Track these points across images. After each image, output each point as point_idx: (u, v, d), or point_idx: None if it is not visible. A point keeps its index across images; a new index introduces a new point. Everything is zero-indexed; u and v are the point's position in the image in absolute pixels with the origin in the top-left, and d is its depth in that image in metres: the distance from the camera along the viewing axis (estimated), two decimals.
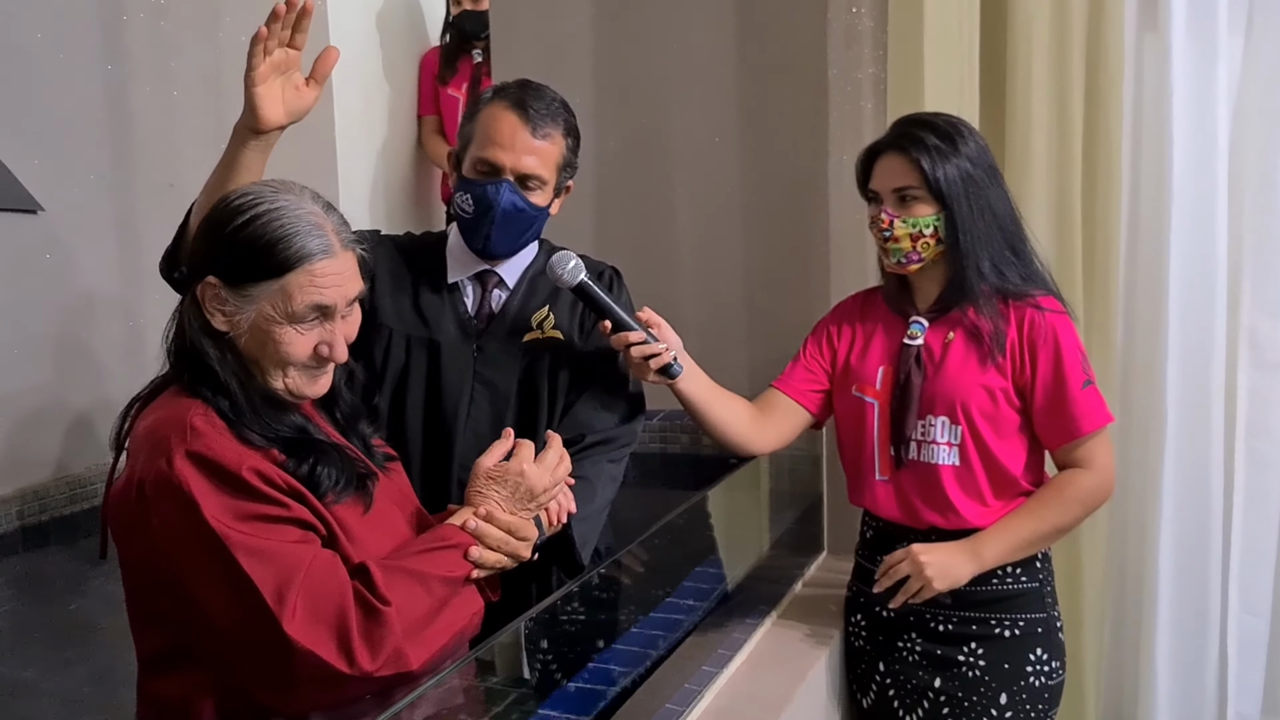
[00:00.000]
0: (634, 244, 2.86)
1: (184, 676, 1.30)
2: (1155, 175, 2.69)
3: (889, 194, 1.92)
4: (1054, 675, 1.99)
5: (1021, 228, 1.97)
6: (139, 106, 2.52)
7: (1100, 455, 1.94)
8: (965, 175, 1.88)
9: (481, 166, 1.78)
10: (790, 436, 2.09)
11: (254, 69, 1.51)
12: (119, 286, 2.47)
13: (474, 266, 1.87)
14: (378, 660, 1.24)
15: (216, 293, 1.32)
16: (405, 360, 1.84)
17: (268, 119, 1.53)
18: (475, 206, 1.79)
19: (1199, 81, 2.65)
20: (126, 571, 1.35)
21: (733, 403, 2.00)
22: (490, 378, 1.85)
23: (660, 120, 2.86)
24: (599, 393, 1.86)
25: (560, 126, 1.81)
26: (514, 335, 1.86)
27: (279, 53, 1.53)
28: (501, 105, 1.79)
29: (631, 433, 1.87)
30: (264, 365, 1.35)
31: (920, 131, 1.91)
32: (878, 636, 2.06)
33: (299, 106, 1.57)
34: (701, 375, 1.95)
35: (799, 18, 2.68)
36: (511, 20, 3.00)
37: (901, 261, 1.93)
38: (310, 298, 1.32)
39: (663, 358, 1.85)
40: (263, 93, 1.52)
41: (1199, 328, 2.67)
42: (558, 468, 1.51)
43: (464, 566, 1.38)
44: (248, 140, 1.54)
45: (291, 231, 1.31)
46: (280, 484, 1.28)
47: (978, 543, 1.92)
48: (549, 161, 1.80)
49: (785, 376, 2.09)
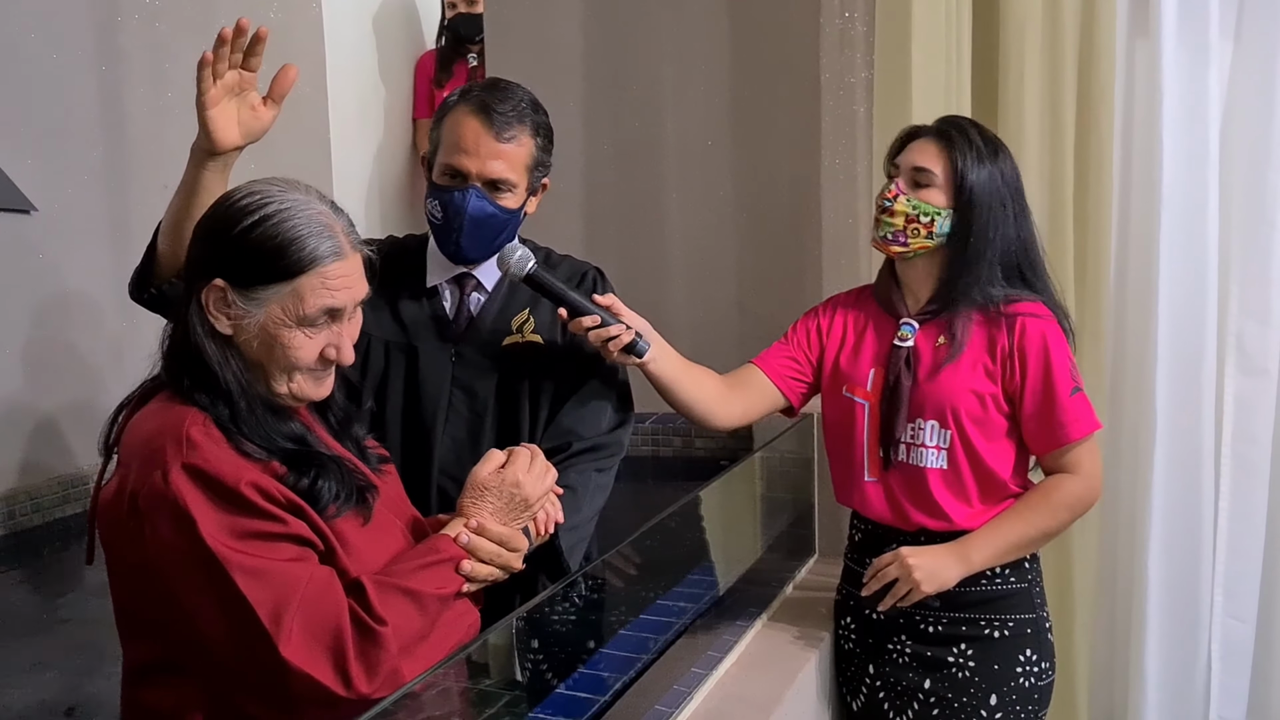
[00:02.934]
0: (626, 247, 2.87)
1: (173, 687, 1.29)
2: (1146, 180, 2.70)
3: (908, 171, 1.93)
4: (1044, 676, 1.99)
5: (1038, 258, 1.97)
6: (133, 108, 2.52)
7: (1087, 461, 1.95)
8: (994, 186, 1.90)
9: (449, 172, 1.76)
10: (757, 415, 2.08)
11: (204, 93, 1.51)
12: (112, 287, 2.46)
13: (452, 270, 1.84)
14: (374, 682, 1.23)
15: (223, 295, 1.29)
16: (385, 366, 1.82)
17: (222, 141, 1.53)
18: (443, 213, 1.77)
19: (1190, 87, 2.66)
20: (115, 580, 1.33)
21: (703, 379, 1.98)
22: (469, 383, 1.82)
23: (653, 124, 2.87)
24: (585, 399, 1.83)
25: (528, 127, 1.77)
26: (493, 339, 1.83)
27: (231, 75, 1.53)
28: (466, 110, 1.76)
29: (619, 441, 1.84)
30: (269, 370, 1.32)
31: (969, 129, 1.93)
32: (868, 639, 2.07)
33: (255, 127, 1.57)
34: (671, 354, 1.92)
35: (792, 22, 2.69)
36: (506, 23, 3.01)
37: (887, 238, 1.93)
38: (322, 300, 1.30)
39: (622, 338, 1.81)
40: (215, 115, 1.52)
41: (1188, 333, 2.68)
42: (546, 476, 1.49)
43: (456, 581, 1.36)
44: (205, 162, 1.54)
45: (305, 233, 1.29)
46: (279, 498, 1.26)
47: (966, 546, 1.93)
48: (517, 164, 1.77)
49: (766, 355, 2.08)
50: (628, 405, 1.90)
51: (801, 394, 2.09)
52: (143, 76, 2.54)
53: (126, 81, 2.51)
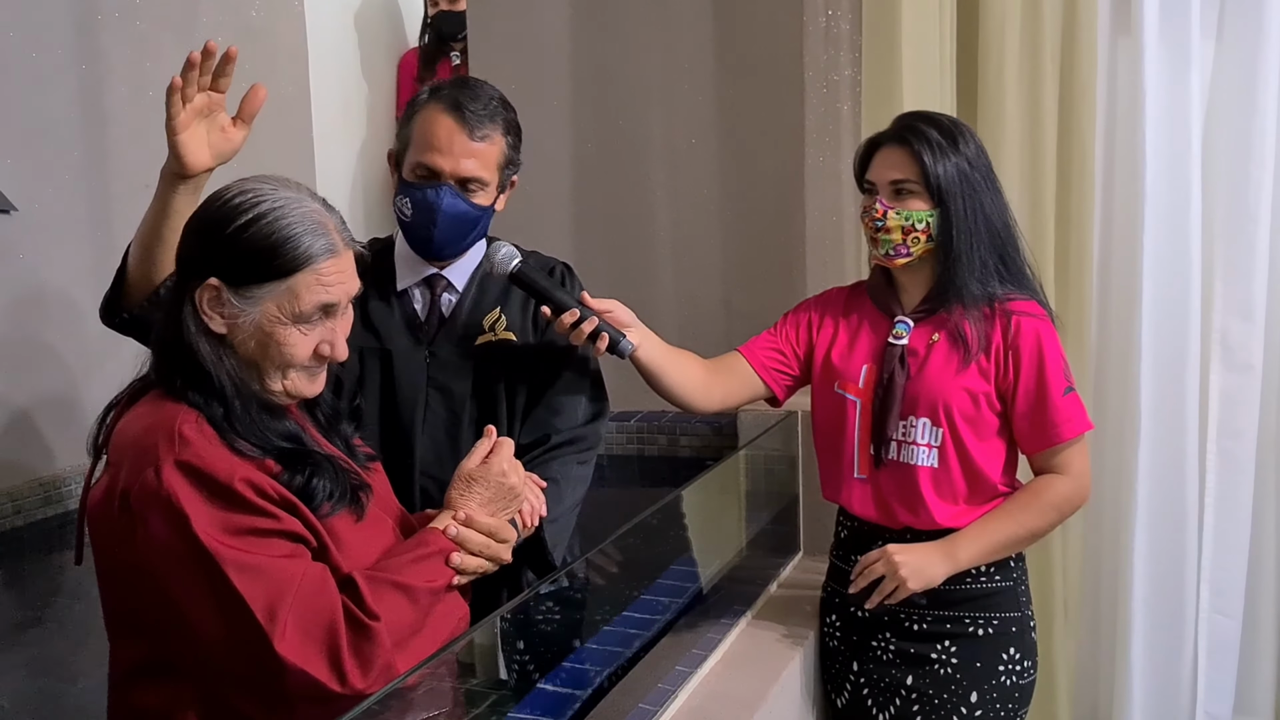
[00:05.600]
0: (611, 245, 2.87)
1: (165, 687, 1.28)
2: (1128, 179, 2.71)
3: (885, 185, 1.92)
4: (1025, 675, 2.00)
5: (1014, 235, 1.97)
6: (114, 107, 2.51)
7: (1077, 462, 1.95)
8: (963, 175, 1.89)
9: (420, 171, 1.76)
10: (737, 403, 2.09)
11: (173, 118, 1.51)
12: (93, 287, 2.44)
13: (422, 271, 1.85)
14: (369, 677, 1.23)
15: (217, 295, 1.30)
16: (360, 372, 1.82)
17: (192, 164, 1.53)
18: (415, 211, 1.77)
19: (1172, 86, 2.67)
20: (104, 580, 1.33)
21: (687, 365, 1.99)
22: (445, 383, 1.83)
23: (637, 121, 2.87)
24: (561, 393, 1.84)
25: (499, 125, 1.78)
26: (466, 339, 1.84)
27: (200, 98, 1.53)
28: (437, 108, 1.76)
29: (596, 433, 1.86)
30: (264, 368, 1.33)
31: (924, 126, 1.92)
32: (852, 636, 2.07)
33: (226, 149, 1.57)
34: (655, 341, 1.93)
35: (776, 20, 2.69)
36: (488, 21, 3.00)
37: (890, 254, 1.93)
38: (317, 297, 1.31)
39: (605, 337, 1.81)
40: (185, 139, 1.52)
41: (1172, 330, 2.69)
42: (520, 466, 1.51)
43: (447, 574, 1.37)
44: (176, 185, 1.54)
45: (299, 231, 1.30)
46: (272, 494, 1.26)
47: (953, 543, 1.93)
48: (489, 162, 1.78)
49: (752, 344, 2.08)
50: (602, 397, 1.91)
51: (786, 386, 2.09)
52: (123, 75, 2.52)
53: (107, 80, 2.49)
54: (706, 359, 2.05)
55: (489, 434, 1.51)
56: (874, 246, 1.95)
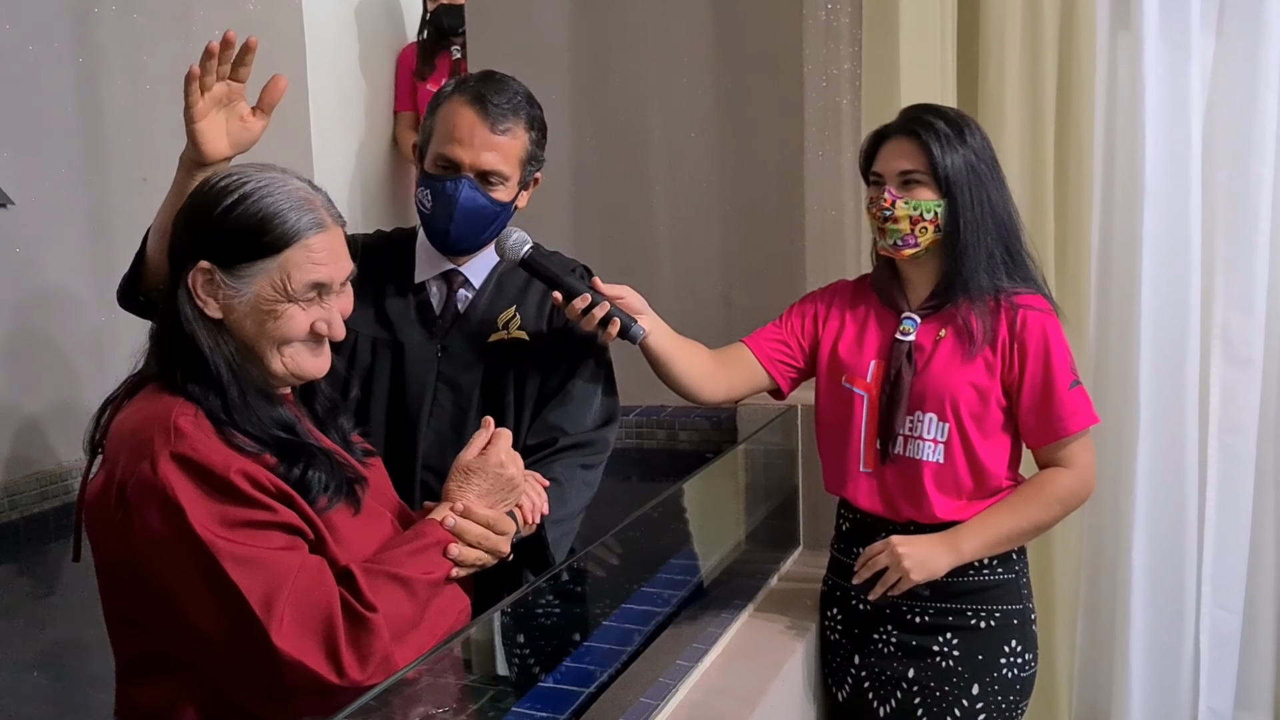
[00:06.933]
0: (611, 240, 2.87)
1: (164, 683, 1.28)
2: (1128, 173, 2.70)
3: (893, 176, 1.92)
4: (1026, 667, 2.00)
5: (1018, 227, 1.97)
6: (111, 100, 2.50)
7: (1082, 456, 1.95)
8: (970, 166, 1.90)
9: (441, 162, 1.77)
10: (742, 394, 2.08)
11: (191, 106, 1.51)
12: (91, 281, 2.45)
13: (441, 265, 1.85)
14: (367, 669, 1.23)
15: (210, 278, 1.30)
16: (370, 362, 1.82)
17: (211, 154, 1.53)
18: (434, 202, 1.77)
19: (1171, 80, 2.66)
20: (103, 575, 1.33)
21: (694, 354, 1.99)
22: (454, 378, 1.82)
23: (637, 115, 2.87)
24: (571, 396, 1.83)
25: (522, 120, 1.78)
26: (479, 336, 1.83)
27: (219, 86, 1.53)
28: (461, 100, 1.77)
29: (605, 440, 1.84)
30: (263, 347, 1.33)
31: (931, 118, 1.92)
32: (853, 629, 2.07)
33: (244, 138, 1.57)
34: (664, 329, 1.93)
35: (776, 14, 2.68)
36: (488, 15, 3.00)
37: (898, 244, 1.93)
38: (308, 274, 1.31)
39: (616, 323, 1.81)
40: (204, 128, 1.52)
41: (1172, 324, 2.68)
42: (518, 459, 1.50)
43: (445, 565, 1.37)
44: (194, 173, 1.53)
45: (285, 207, 1.31)
46: (269, 487, 1.26)
47: (957, 536, 1.93)
48: (510, 157, 1.78)
49: (757, 335, 2.08)
50: (614, 404, 1.89)
51: (791, 378, 2.09)
52: (120, 69, 2.52)
53: (104, 74, 2.49)
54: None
55: (486, 425, 1.51)
56: (881, 237, 1.95)
